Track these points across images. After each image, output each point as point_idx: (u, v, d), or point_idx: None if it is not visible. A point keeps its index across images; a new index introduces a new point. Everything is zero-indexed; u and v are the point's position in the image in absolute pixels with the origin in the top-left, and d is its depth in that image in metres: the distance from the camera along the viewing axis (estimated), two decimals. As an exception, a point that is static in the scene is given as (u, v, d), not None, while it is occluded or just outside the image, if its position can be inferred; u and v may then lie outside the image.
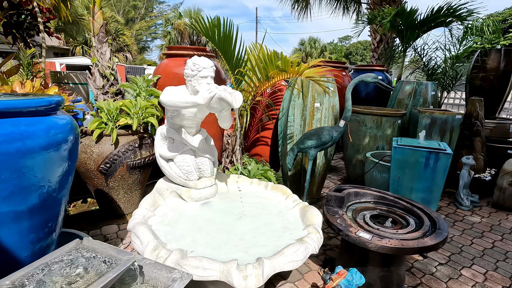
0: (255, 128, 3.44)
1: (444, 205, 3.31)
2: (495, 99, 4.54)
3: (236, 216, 1.81)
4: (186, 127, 1.99)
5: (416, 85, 3.81)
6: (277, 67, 2.12)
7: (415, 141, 2.35)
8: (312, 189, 3.07)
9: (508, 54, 4.38)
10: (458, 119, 3.19)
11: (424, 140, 2.31)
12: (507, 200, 3.14)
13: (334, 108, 2.88)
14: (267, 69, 2.19)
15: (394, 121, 3.29)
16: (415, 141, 2.35)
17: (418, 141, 2.31)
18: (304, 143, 2.35)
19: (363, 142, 3.41)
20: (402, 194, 2.26)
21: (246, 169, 2.68)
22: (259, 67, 2.22)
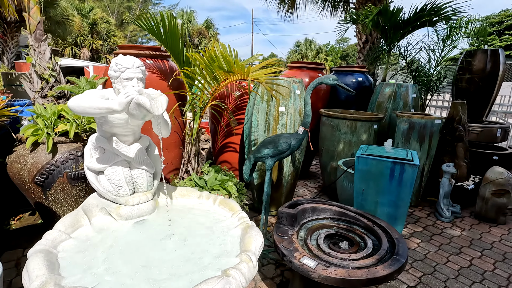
0: (222, 134, 3.22)
1: (424, 215, 3.09)
2: (482, 102, 4.34)
3: (168, 239, 1.57)
4: (119, 135, 1.76)
5: (396, 87, 3.60)
6: (219, 67, 1.90)
7: (383, 149, 2.13)
8: (280, 200, 2.85)
9: (495, 55, 4.19)
10: (437, 124, 2.98)
11: (391, 148, 2.09)
12: (489, 211, 2.92)
13: (301, 112, 2.66)
14: (211, 69, 1.97)
15: (370, 126, 3.07)
16: (383, 149, 2.13)
17: (385, 149, 2.09)
18: (260, 152, 2.12)
19: (337, 148, 3.19)
20: (367, 208, 2.03)
21: (202, 180, 2.45)
22: (204, 67, 2.00)
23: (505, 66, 4.25)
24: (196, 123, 2.29)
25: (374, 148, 2.17)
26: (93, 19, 16.27)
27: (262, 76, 1.85)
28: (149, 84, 2.49)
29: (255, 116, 2.66)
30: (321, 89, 3.72)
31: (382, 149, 2.17)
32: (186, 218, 1.79)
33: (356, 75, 4.13)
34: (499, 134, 4.18)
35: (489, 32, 20.19)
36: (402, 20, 4.48)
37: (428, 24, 4.43)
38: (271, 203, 2.87)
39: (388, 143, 2.05)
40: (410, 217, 3.03)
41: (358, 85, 4.10)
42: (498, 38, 28.49)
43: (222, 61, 1.85)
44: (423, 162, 3.11)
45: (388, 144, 2.05)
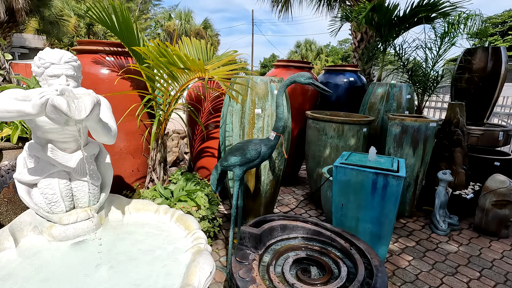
0: (199, 138, 2.97)
1: (418, 227, 2.82)
2: (483, 103, 4.06)
3: (104, 266, 1.33)
4: (56, 142, 1.52)
5: (389, 88, 3.34)
6: (170, 63, 1.65)
7: (367, 157, 1.87)
8: (258, 211, 2.59)
9: (496, 53, 3.91)
10: (432, 127, 2.72)
11: (375, 156, 1.83)
12: (490, 223, 2.65)
13: (280, 115, 2.40)
14: (165, 66, 1.73)
15: (359, 130, 2.81)
16: (367, 157, 1.87)
17: (368, 158, 1.83)
18: (227, 160, 1.88)
19: (323, 153, 2.94)
20: (347, 225, 1.78)
21: (168, 190, 2.21)
22: (155, 64, 1.75)
23: (507, 65, 3.98)
24: (154, 127, 2.05)
25: (357, 156, 1.91)
26: (89, 19, 16.10)
27: (220, 74, 1.60)
28: (110, 84, 2.26)
29: (229, 119, 2.41)
30: (309, 90, 3.47)
31: (366, 157, 1.92)
32: (132, 239, 1.54)
33: (347, 74, 3.88)
34: (501, 138, 3.91)
35: (492, 32, 20.06)
36: (398, 16, 4.22)
37: (425, 21, 4.17)
38: (249, 214, 2.62)
39: (372, 150, 1.80)
40: (403, 230, 2.76)
41: (350, 85, 3.84)
42: (501, 39, 28.17)
43: (174, 57, 1.60)
44: (417, 168, 2.85)
45: (371, 151, 1.80)
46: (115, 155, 2.34)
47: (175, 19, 17.70)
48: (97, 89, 2.22)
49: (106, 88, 2.22)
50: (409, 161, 2.84)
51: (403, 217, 3.02)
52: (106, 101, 1.59)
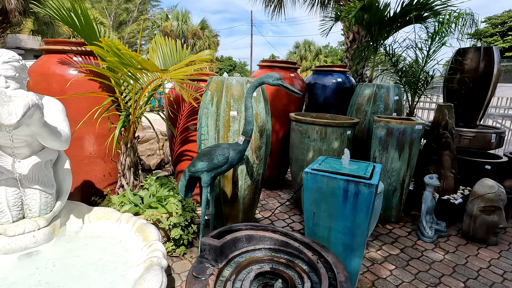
0: (179, 141, 2.88)
1: (404, 234, 2.72)
2: (475, 104, 3.96)
3: (44, 285, 1.23)
4: (5, 147, 1.42)
5: (376, 89, 3.24)
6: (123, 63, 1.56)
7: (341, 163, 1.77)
8: (237, 217, 2.49)
9: (489, 53, 3.81)
10: (418, 130, 2.62)
11: (349, 162, 1.73)
12: (478, 230, 2.55)
13: (257, 117, 2.31)
14: (118, 66, 1.63)
15: (342, 132, 2.71)
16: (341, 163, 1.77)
17: (342, 163, 1.73)
18: (194, 166, 1.78)
19: (306, 157, 2.84)
20: (319, 235, 1.68)
21: (137, 196, 2.11)
22: (111, 64, 1.66)
23: (500, 65, 3.88)
24: (117, 130, 1.95)
25: (332, 161, 1.81)
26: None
27: (179, 75, 1.50)
28: (78, 85, 2.17)
29: (205, 121, 2.32)
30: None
31: (340, 162, 1.81)
32: (85, 252, 1.44)
33: (335, 75, 3.78)
34: (494, 140, 3.80)
35: (492, 33, 19.90)
36: (388, 15, 4.13)
37: (416, 20, 4.08)
38: (227, 221, 2.52)
39: (346, 155, 1.69)
40: (388, 236, 2.66)
41: (338, 86, 3.75)
42: (501, 39, 28.05)
43: (128, 58, 1.51)
44: (403, 172, 2.75)
45: (345, 156, 1.70)
46: (84, 159, 2.24)
47: (173, 20, 17.62)
48: (63, 91, 2.13)
49: (73, 89, 2.13)
50: (395, 165, 2.74)
51: (389, 223, 2.92)
52: (59, 104, 1.50)
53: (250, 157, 2.35)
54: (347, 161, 1.69)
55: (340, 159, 1.86)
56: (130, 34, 27.79)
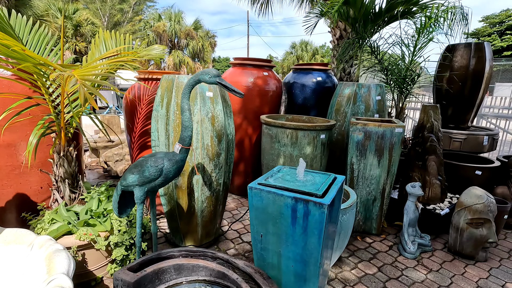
0: (137, 146, 2.62)
1: (385, 248, 2.45)
2: (466, 104, 3.70)
3: None
4: None
5: (357, 88, 2.98)
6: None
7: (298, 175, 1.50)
8: (195, 233, 2.23)
9: (480, 50, 3.56)
10: (398, 133, 2.36)
11: (307, 173, 1.47)
12: (466, 245, 2.29)
13: (215, 120, 2.04)
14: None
15: (315, 136, 2.45)
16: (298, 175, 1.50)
17: (297, 175, 1.47)
18: (125, 179, 1.52)
19: (277, 163, 2.57)
20: (269, 262, 1.41)
21: (71, 212, 1.84)
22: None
23: (492, 62, 3.62)
24: (33, 138, 1.68)
25: (288, 173, 1.54)
26: (77, 20, 15.80)
27: (85, 73, 1.24)
28: (3, 86, 1.90)
29: (155, 125, 2.06)
30: (269, 90, 3.11)
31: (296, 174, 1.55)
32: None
33: (315, 74, 3.52)
34: (486, 142, 3.55)
35: (490, 32, 19.71)
36: (374, 10, 3.88)
37: (402, 16, 3.82)
38: (186, 237, 2.25)
39: (301, 165, 1.43)
40: (366, 251, 2.40)
41: (318, 85, 3.48)
42: (499, 38, 27.84)
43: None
44: (383, 180, 2.48)
45: (300, 166, 1.43)
46: (15, 170, 1.98)
47: (165, 20, 17.36)
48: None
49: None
50: (374, 172, 2.48)
51: (370, 235, 2.65)
52: None
53: (207, 165, 2.08)
54: (302, 173, 1.42)
55: (306, 170, 1.60)
56: (125, 34, 27.53)
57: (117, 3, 27.34)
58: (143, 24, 18.08)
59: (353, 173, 2.53)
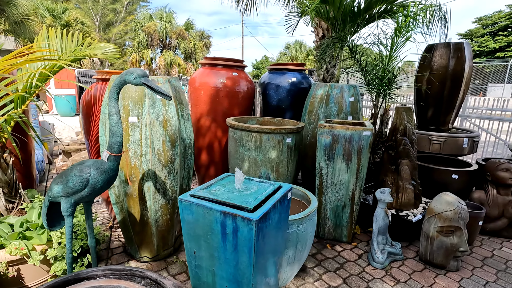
0: (94, 151, 2.47)
1: (354, 257, 2.34)
2: (446, 106, 3.61)
3: None
4: None
5: (329, 89, 2.87)
6: None
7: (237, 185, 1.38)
8: (151, 243, 2.09)
9: (459, 50, 3.47)
10: (366, 137, 2.24)
11: (246, 182, 1.34)
12: (436, 254, 2.18)
13: (167, 123, 1.91)
14: None
15: (280, 140, 2.33)
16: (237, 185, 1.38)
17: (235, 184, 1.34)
18: (51, 189, 1.38)
19: (242, 168, 2.45)
20: (204, 281, 1.28)
21: (5, 224, 1.70)
22: None
23: (472, 62, 3.53)
24: None
25: (230, 182, 1.42)
26: (65, 20, 15.55)
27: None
28: None
29: (102, 129, 1.92)
30: (240, 91, 2.99)
31: (244, 182, 1.42)
32: None
33: (289, 74, 3.40)
34: (466, 145, 3.45)
35: (483, 33, 19.82)
36: (352, 9, 3.78)
37: (382, 15, 3.73)
38: (140, 248, 2.12)
39: (238, 174, 1.30)
40: (334, 261, 2.28)
41: (293, 86, 3.37)
42: (492, 39, 28.04)
43: None
44: (352, 186, 2.37)
45: (237, 176, 1.30)
46: None
47: (156, 20, 17.17)
48: None
49: None
50: (343, 177, 2.36)
51: (340, 243, 2.54)
52: None
53: (160, 172, 1.95)
54: (240, 183, 1.30)
55: (249, 178, 1.47)
56: (117, 35, 27.29)
57: (109, 3, 27.13)
58: (134, 24, 17.85)
59: (321, 178, 2.42)
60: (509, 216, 2.64)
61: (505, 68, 21.78)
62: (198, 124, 2.99)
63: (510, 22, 26.74)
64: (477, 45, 28.46)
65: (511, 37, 25.78)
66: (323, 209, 2.50)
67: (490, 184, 2.73)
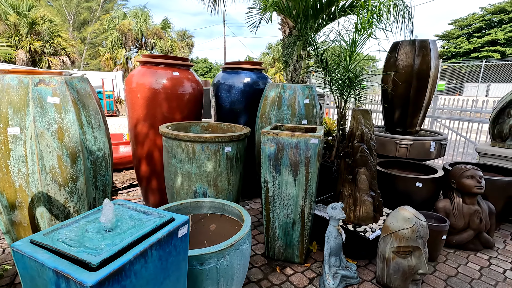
0: None
1: (304, 282, 2.04)
2: (413, 107, 3.40)
3: None
4: None
5: (281, 90, 2.58)
6: None
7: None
8: None
9: (424, 47, 3.27)
10: (313, 145, 1.95)
11: (120, 216, 1.01)
12: (393, 277, 1.91)
13: (64, 134, 1.55)
14: None
15: (217, 150, 2.01)
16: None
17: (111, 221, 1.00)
18: None
19: (175, 183, 2.11)
20: None
21: None
22: None
23: (438, 61, 3.34)
24: None
25: (124, 217, 1.07)
26: (32, 17, 14.66)
27: None
28: None
29: (-21, 143, 1.53)
30: (184, 93, 2.64)
31: (128, 214, 1.09)
32: None
33: (242, 74, 3.09)
34: (433, 148, 3.25)
35: (459, 34, 20.26)
36: (313, 4, 3.52)
37: (342, 11, 3.48)
38: None
39: (106, 208, 0.95)
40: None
41: (247, 87, 3.06)
42: (467, 41, 28.91)
43: None
44: (301, 201, 2.08)
45: (106, 209, 0.95)
46: None
47: (131, 19, 16.51)
48: None
49: None
50: (291, 191, 2.06)
51: (293, 264, 2.24)
52: None
53: (57, 193, 1.58)
54: (108, 218, 0.95)
55: (134, 207, 1.13)
56: (93, 34, 26.25)
57: (83, 1, 26.05)
58: (107, 23, 17.11)
59: (268, 192, 2.11)
60: (475, 227, 2.43)
61: (479, 68, 22.45)
62: (135, 131, 2.63)
63: (483, 24, 27.69)
64: (453, 46, 29.30)
65: (484, 39, 26.67)
66: (272, 227, 2.20)
67: (456, 192, 2.51)
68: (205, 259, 1.34)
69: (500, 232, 2.82)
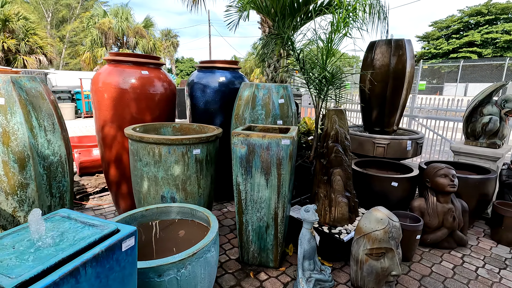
0: None
1: (278, 287, 1.98)
2: (389, 106, 3.41)
3: None
4: None
5: (255, 90, 2.51)
6: None
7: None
8: None
9: (400, 47, 3.28)
10: (285, 146, 1.89)
11: (58, 226, 0.91)
12: (367, 280, 1.88)
13: (10, 137, 1.42)
14: None
15: (185, 152, 1.92)
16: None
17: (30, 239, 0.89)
18: None
19: (142, 188, 2.00)
20: None
21: None
22: None
23: (413, 61, 3.37)
24: None
25: (50, 227, 0.97)
26: (5, 15, 13.99)
27: None
28: None
29: None
30: (154, 94, 2.53)
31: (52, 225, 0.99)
32: None
33: (217, 73, 3.00)
34: (410, 148, 3.27)
35: (439, 36, 20.83)
36: (290, 3, 3.47)
37: (319, 10, 3.45)
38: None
39: (32, 219, 0.85)
40: (253, 295, 1.91)
41: (222, 87, 2.97)
42: (446, 42, 29.86)
43: None
44: (274, 204, 2.02)
45: (33, 221, 0.85)
46: None
47: (112, 17, 16.04)
48: None
49: None
50: (263, 193, 2.00)
51: (267, 269, 2.18)
52: None
53: (4, 202, 1.45)
54: (37, 231, 0.85)
55: (77, 218, 1.03)
56: (72, 32, 25.39)
57: (62, -2, 25.15)
58: (86, 21, 16.57)
59: (240, 196, 2.04)
60: (449, 226, 2.44)
61: (458, 68, 23.24)
62: (103, 133, 2.49)
63: (461, 26, 28.67)
64: (433, 47, 30.20)
65: (462, 40, 27.61)
66: (245, 231, 2.13)
67: (430, 191, 2.52)
68: (163, 271, 1.26)
69: (474, 229, 2.86)
